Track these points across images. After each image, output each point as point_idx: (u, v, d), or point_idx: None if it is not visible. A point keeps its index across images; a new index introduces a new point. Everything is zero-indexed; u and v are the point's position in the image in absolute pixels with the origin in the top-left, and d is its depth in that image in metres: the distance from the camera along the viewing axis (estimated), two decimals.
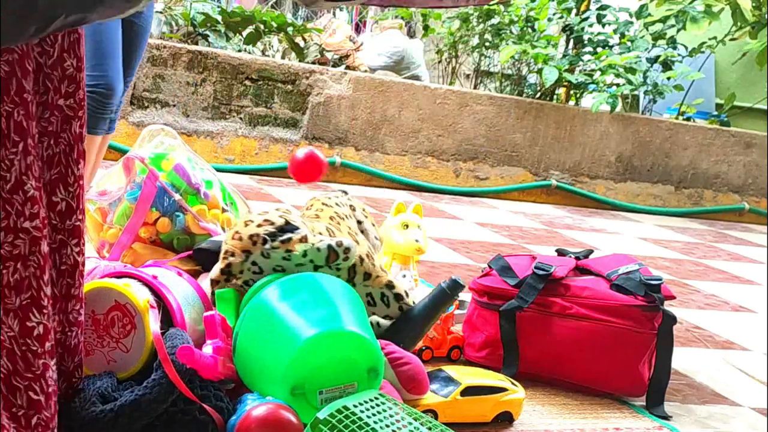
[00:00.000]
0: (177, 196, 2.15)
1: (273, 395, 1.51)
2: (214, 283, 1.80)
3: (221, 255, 1.80)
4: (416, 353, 2.02)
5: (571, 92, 5.74)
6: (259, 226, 1.79)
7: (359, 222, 2.12)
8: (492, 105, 5.19)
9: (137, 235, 2.16)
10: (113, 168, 2.28)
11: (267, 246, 1.76)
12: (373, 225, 2.19)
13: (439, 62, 5.96)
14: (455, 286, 1.89)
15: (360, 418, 1.35)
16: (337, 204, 2.07)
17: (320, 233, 1.88)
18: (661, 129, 5.69)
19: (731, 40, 5.88)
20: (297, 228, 1.80)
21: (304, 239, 1.79)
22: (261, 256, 1.77)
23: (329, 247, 1.79)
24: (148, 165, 2.15)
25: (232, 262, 1.77)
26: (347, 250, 1.81)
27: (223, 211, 2.24)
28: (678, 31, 5.64)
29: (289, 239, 1.78)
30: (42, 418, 1.28)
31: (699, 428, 2.04)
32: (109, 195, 2.21)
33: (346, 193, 2.19)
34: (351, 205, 2.14)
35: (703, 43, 5.81)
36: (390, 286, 1.93)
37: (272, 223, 1.79)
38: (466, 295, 2.42)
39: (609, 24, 5.68)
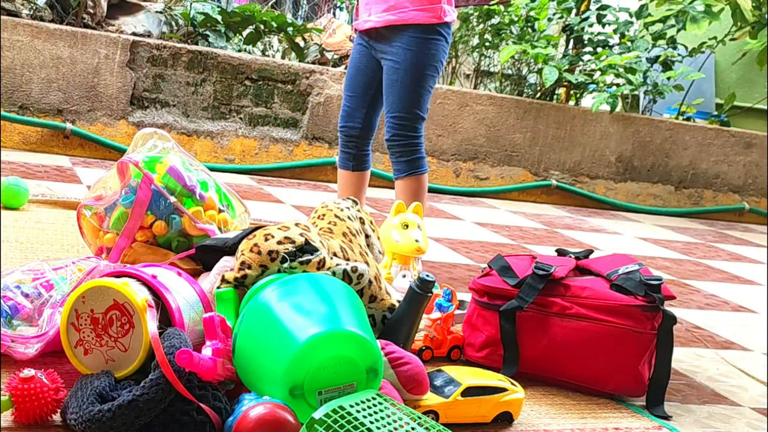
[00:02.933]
0: (172, 199, 2.14)
1: (272, 396, 1.51)
2: (223, 282, 1.81)
3: (237, 265, 1.81)
4: (416, 353, 2.02)
5: (571, 92, 5.74)
6: (279, 243, 1.81)
7: (367, 236, 2.16)
8: (492, 105, 5.19)
9: (134, 239, 2.15)
10: (108, 173, 2.27)
11: (285, 265, 1.79)
12: (378, 239, 2.23)
13: None
14: (424, 283, 1.91)
15: (356, 418, 1.35)
16: (349, 218, 2.10)
17: (335, 253, 1.92)
18: (661, 129, 5.69)
19: (731, 40, 5.87)
20: (316, 249, 1.84)
21: (322, 263, 1.83)
22: (277, 273, 1.79)
23: (344, 272, 1.87)
24: (142, 169, 2.14)
25: (248, 274, 1.79)
26: (360, 276, 1.91)
27: (220, 211, 2.23)
28: (678, 31, 5.64)
29: (308, 261, 1.81)
30: None
31: (699, 428, 2.04)
32: (104, 200, 2.20)
33: (356, 202, 2.21)
34: (360, 218, 2.16)
35: (703, 43, 5.81)
36: (393, 309, 1.97)
37: (293, 242, 1.82)
38: (466, 295, 2.42)
39: (609, 24, 5.68)
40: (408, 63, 2.76)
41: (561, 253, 2.35)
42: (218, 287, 1.80)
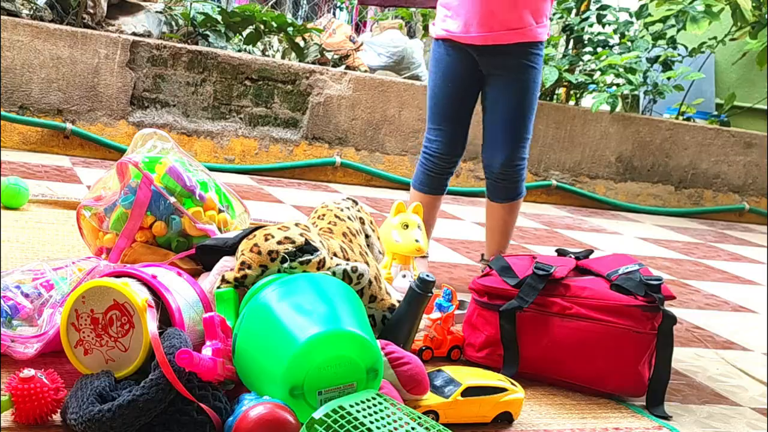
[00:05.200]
0: (172, 200, 2.14)
1: (272, 396, 1.51)
2: (223, 282, 1.80)
3: (237, 265, 1.81)
4: (416, 353, 2.02)
5: (571, 92, 5.74)
6: (279, 243, 1.81)
7: (367, 236, 2.16)
8: None
9: (134, 240, 2.15)
10: (107, 173, 2.27)
11: (285, 265, 1.79)
12: (378, 239, 2.23)
13: None
14: (424, 283, 1.91)
15: (356, 418, 1.35)
16: (348, 218, 2.10)
17: (335, 253, 1.91)
18: (661, 129, 5.69)
19: (731, 40, 5.87)
20: (316, 249, 1.84)
21: (322, 263, 1.83)
22: (277, 273, 1.79)
23: (344, 272, 1.87)
24: (141, 169, 2.14)
25: (248, 274, 1.79)
26: (360, 276, 1.90)
27: (220, 211, 2.23)
28: (678, 31, 5.64)
29: (308, 261, 1.81)
30: None
31: (699, 428, 2.04)
32: (104, 200, 2.20)
33: (356, 202, 2.21)
34: (360, 218, 2.16)
35: (703, 43, 5.81)
36: (393, 309, 1.97)
37: (293, 242, 1.82)
38: (466, 295, 2.42)
39: (609, 24, 5.67)
40: (530, 80, 2.65)
41: (561, 253, 2.35)
42: (218, 287, 1.80)
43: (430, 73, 2.78)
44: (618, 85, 5.43)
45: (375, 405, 1.41)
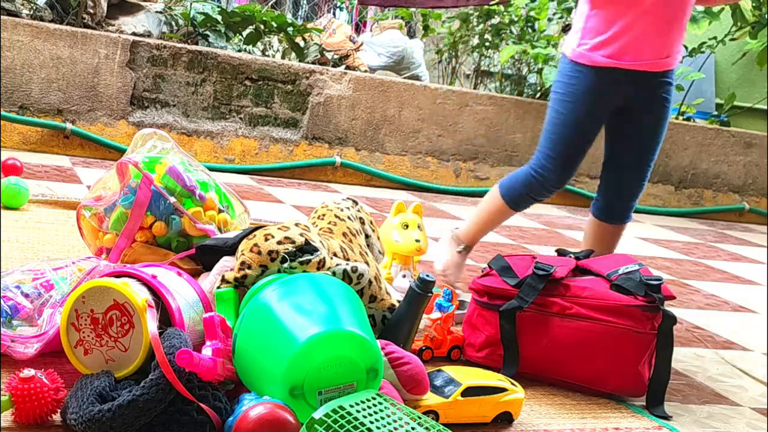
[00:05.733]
0: (172, 200, 2.14)
1: (272, 396, 1.51)
2: (223, 282, 1.80)
3: (237, 265, 1.81)
4: (416, 353, 2.02)
5: None
6: (279, 243, 1.81)
7: (367, 236, 2.16)
8: (492, 105, 5.19)
9: (134, 240, 2.15)
10: (107, 173, 2.27)
11: (285, 265, 1.79)
12: (378, 239, 2.23)
13: (439, 62, 5.96)
14: (424, 283, 1.91)
15: (356, 418, 1.35)
16: (348, 218, 2.10)
17: (335, 253, 1.92)
18: None
19: (731, 40, 5.87)
20: (316, 249, 1.84)
21: (322, 263, 1.83)
22: (277, 273, 1.79)
23: (344, 272, 1.87)
24: (141, 169, 2.14)
25: (248, 274, 1.79)
26: (360, 276, 1.90)
27: (220, 211, 2.23)
28: None
29: (308, 261, 1.81)
30: None
31: (699, 428, 2.04)
32: (104, 200, 2.20)
33: (356, 202, 2.21)
34: (360, 218, 2.16)
35: (703, 43, 5.81)
36: (393, 309, 1.97)
37: (293, 242, 1.82)
38: (466, 295, 2.42)
39: None
40: (672, 101, 2.62)
41: (561, 253, 2.35)
42: (218, 287, 1.80)
43: (567, 101, 2.60)
44: None
45: (375, 405, 1.41)
